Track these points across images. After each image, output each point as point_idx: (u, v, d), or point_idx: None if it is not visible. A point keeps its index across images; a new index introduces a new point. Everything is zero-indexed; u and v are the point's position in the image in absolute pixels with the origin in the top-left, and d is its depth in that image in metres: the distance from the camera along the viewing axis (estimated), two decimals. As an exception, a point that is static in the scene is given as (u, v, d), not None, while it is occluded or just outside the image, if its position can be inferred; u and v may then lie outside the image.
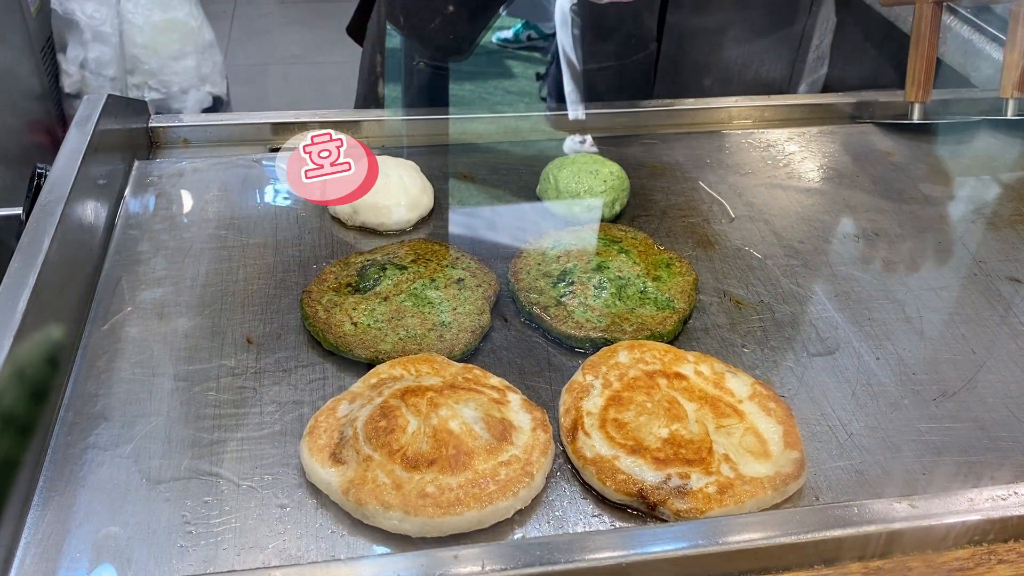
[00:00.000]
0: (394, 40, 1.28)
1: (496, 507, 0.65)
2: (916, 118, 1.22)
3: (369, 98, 1.38)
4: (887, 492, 0.69)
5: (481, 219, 1.01)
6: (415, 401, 0.71)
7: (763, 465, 0.70)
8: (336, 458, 0.68)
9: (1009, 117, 1.20)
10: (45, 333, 0.75)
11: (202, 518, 0.66)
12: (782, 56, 2.06)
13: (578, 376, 0.77)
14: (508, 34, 3.39)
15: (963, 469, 0.73)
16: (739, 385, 0.77)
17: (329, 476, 0.67)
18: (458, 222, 1.01)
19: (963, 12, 1.45)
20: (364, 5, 1.36)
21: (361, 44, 1.40)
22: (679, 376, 0.77)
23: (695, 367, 0.79)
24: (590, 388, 0.76)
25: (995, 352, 0.86)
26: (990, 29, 1.46)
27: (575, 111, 1.16)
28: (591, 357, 0.79)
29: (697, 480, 0.67)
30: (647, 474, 0.68)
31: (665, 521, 0.67)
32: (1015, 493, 0.62)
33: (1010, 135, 1.24)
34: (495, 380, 0.77)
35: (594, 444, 0.70)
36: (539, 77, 2.62)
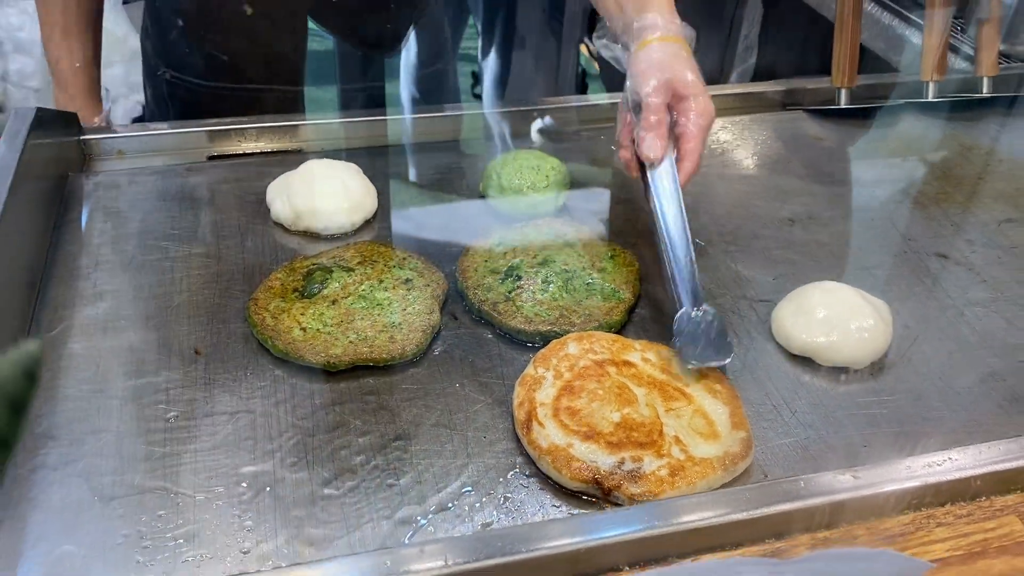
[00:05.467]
0: (145, 47, 1.25)
1: None
2: (843, 103, 1.26)
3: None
4: (831, 465, 0.72)
5: (425, 219, 1.01)
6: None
7: (712, 446, 0.72)
8: None
9: (930, 99, 1.26)
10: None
11: (158, 532, 0.65)
12: (712, 47, 2.10)
13: (530, 369, 0.79)
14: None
15: (900, 439, 0.76)
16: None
17: None
18: (402, 223, 1.01)
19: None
20: None
21: None
22: (627, 364, 0.79)
23: (642, 354, 0.81)
24: (542, 380, 0.77)
25: (927, 325, 0.89)
26: (910, 15, 1.52)
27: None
28: (541, 350, 0.80)
29: (650, 463, 0.69)
30: (601, 459, 0.69)
31: (620, 506, 0.68)
32: (949, 459, 0.65)
33: (931, 116, 1.29)
34: None
35: (548, 434, 0.72)
36: (475, 76, 2.62)
